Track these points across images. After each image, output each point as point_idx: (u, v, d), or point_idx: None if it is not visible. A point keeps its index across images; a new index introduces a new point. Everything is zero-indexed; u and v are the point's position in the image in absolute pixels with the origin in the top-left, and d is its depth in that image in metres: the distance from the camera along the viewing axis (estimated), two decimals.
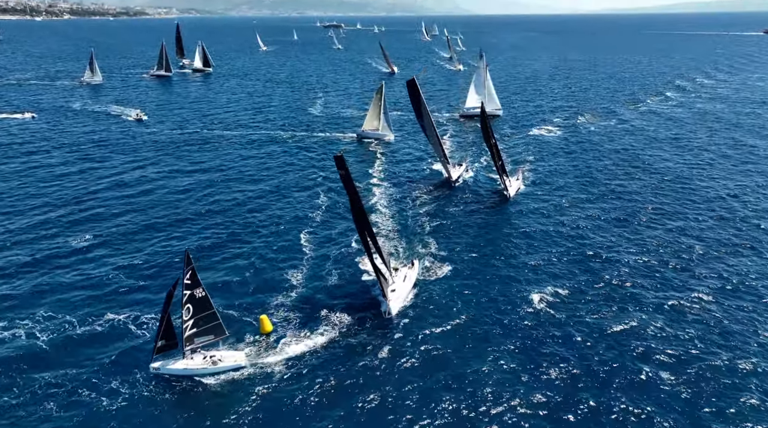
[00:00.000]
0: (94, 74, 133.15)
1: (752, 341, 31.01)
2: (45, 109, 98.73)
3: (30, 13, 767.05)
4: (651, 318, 33.27)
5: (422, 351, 30.03)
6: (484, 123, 53.45)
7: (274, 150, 73.09)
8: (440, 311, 34.04)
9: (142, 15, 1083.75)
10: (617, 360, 29.36)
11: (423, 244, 43.63)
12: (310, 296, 35.53)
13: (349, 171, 32.17)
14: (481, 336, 31.44)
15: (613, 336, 31.41)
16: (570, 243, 43.97)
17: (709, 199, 54.27)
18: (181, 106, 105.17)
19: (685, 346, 30.59)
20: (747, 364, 29.03)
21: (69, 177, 60.00)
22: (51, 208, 50.38)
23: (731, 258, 41.40)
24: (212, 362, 28.48)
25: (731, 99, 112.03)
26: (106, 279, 37.50)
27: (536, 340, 31.07)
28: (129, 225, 46.84)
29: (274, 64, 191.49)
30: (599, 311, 33.95)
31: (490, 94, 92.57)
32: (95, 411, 25.73)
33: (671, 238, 44.75)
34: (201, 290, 28.16)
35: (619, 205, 52.18)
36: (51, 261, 40.19)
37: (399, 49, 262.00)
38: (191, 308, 28.14)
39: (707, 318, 33.36)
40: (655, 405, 26.23)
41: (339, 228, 46.46)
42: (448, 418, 25.47)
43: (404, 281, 36.01)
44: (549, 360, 29.33)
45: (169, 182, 58.84)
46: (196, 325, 28.45)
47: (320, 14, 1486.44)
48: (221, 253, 41.75)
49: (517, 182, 57.27)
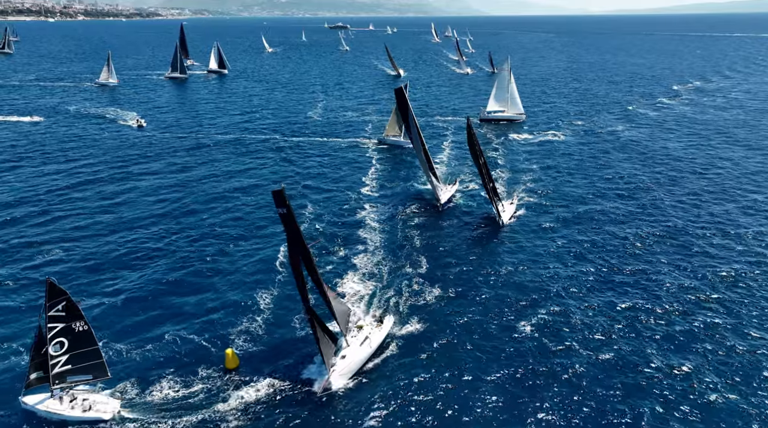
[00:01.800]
0: (109, 76, 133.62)
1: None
2: (54, 111, 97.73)
3: (45, 14, 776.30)
4: (656, 352, 30.67)
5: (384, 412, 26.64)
6: (471, 140, 47.10)
7: (269, 157, 71.35)
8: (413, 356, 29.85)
9: (155, 16, 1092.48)
10: (619, 396, 27.15)
11: (397, 289, 37.04)
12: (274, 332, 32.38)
13: (291, 208, 26.25)
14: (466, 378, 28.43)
15: (615, 372, 29.10)
16: (573, 291, 36.96)
17: (718, 220, 49.30)
18: (187, 109, 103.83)
19: (685, 379, 28.24)
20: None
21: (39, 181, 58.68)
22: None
23: (741, 294, 36.48)
24: (82, 408, 25.39)
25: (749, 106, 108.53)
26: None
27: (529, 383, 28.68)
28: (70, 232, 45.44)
29: (279, 65, 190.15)
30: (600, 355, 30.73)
31: (513, 99, 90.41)
32: None
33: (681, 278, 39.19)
34: (83, 323, 24.98)
35: (630, 232, 46.39)
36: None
37: (407, 50, 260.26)
38: (65, 342, 24.98)
39: (709, 352, 30.77)
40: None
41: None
42: None
43: (362, 345, 29.41)
44: (541, 394, 27.17)
45: (141, 191, 57.22)
46: (70, 362, 25.23)
47: (332, 15, 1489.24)
48: (185, 272, 39.98)
49: (511, 207, 50.92)
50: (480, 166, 47.02)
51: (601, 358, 29.89)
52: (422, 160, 52.31)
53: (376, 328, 30.99)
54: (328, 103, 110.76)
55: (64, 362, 25.16)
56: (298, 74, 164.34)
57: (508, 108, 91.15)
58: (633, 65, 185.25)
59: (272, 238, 45.24)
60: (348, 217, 50.00)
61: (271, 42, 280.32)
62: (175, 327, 32.65)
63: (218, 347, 30.63)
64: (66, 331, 24.79)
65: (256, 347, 30.70)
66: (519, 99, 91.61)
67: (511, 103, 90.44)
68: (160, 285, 37.79)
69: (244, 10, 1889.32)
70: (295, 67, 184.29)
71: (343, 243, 44.23)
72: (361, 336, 30.09)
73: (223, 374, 28.39)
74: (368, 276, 38.94)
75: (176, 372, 28.48)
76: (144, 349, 30.40)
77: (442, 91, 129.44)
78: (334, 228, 47.50)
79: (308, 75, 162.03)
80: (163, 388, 27.29)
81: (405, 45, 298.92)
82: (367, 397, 27.13)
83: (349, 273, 39.33)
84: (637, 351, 30.49)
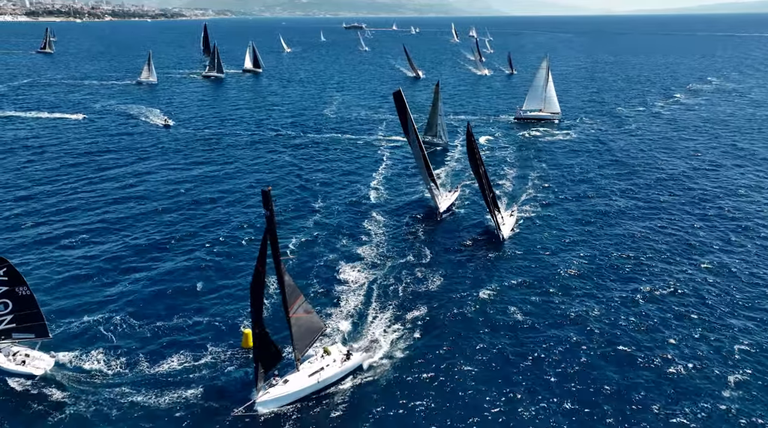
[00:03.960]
0: (150, 74, 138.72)
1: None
2: (95, 109, 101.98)
3: (74, 15, 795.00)
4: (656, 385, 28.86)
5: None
6: (471, 148, 44.76)
7: (281, 151, 74.28)
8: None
9: (179, 16, 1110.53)
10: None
11: (377, 310, 35.31)
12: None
13: (273, 213, 25.47)
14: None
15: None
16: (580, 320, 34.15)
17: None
18: (216, 107, 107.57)
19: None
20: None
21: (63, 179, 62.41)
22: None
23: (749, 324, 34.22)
24: (17, 362, 28.94)
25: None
26: None
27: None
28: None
29: (300, 65, 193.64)
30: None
31: (549, 98, 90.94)
32: None
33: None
34: (25, 288, 28.70)
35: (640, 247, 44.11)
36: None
37: (426, 50, 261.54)
38: (9, 304, 28.84)
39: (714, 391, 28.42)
40: None
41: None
42: None
43: (311, 376, 27.37)
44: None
45: (157, 182, 60.77)
46: (14, 321, 29.13)
47: (353, 15, 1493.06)
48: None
49: (512, 219, 48.23)
50: (480, 175, 44.32)
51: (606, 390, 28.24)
52: (421, 167, 50.65)
53: (339, 361, 28.34)
54: (343, 101, 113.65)
55: (9, 321, 29.21)
56: (316, 74, 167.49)
57: (544, 107, 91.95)
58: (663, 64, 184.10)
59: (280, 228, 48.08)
60: (346, 222, 49.73)
61: (289, 42, 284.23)
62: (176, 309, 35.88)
63: (187, 329, 33.37)
64: (8, 294, 28.72)
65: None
66: (556, 98, 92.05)
67: (547, 102, 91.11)
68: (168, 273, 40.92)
69: (266, 10, 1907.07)
70: (314, 67, 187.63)
71: (330, 253, 43.37)
72: (315, 366, 27.99)
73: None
74: (354, 291, 37.65)
75: (112, 350, 31.24)
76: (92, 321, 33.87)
77: (458, 91, 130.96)
78: (323, 231, 47.58)
79: (326, 75, 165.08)
80: (98, 359, 30.36)
81: (424, 45, 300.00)
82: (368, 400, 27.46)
83: (339, 283, 38.85)
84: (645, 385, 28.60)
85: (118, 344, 31.95)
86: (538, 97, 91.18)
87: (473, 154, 44.59)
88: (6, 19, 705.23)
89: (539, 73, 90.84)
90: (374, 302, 36.24)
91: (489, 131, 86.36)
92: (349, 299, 36.52)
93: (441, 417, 26.63)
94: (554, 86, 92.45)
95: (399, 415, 26.78)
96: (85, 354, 30.86)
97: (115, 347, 31.66)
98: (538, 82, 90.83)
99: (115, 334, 32.88)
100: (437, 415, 26.73)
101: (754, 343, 32.21)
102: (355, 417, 26.64)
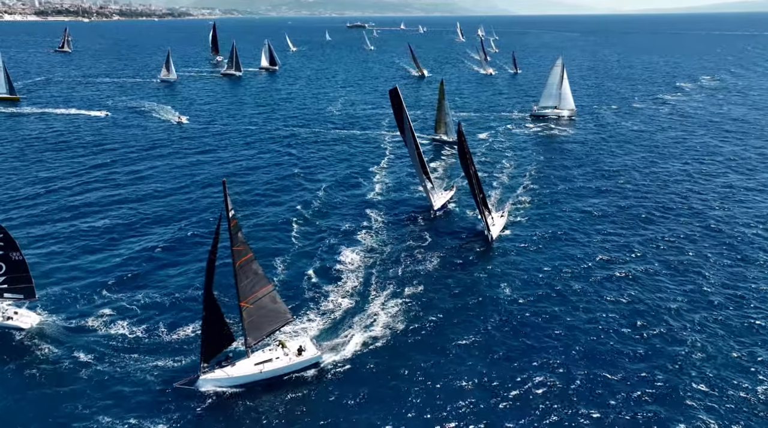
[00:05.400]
0: (169, 72, 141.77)
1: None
2: (115, 107, 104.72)
3: (82, 14, 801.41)
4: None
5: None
6: (462, 148, 44.54)
7: (291, 146, 76.38)
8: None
9: (186, 16, 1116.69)
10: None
11: (353, 305, 35.71)
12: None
13: (228, 202, 26.78)
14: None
15: None
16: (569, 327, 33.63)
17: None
18: (229, 104, 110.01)
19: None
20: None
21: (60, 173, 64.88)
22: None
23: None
24: (5, 317, 32.84)
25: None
26: None
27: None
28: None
29: (306, 63, 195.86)
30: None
31: (564, 95, 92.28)
32: None
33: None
34: (18, 254, 32.22)
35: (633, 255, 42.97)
36: None
37: (431, 49, 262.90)
38: (3, 266, 32.39)
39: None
40: None
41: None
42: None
43: (256, 365, 28.14)
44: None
45: (165, 174, 63.55)
46: (6, 282, 32.73)
47: (359, 15, 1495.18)
48: None
49: (502, 219, 48.09)
50: (470, 175, 44.07)
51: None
52: (416, 164, 50.74)
53: (292, 355, 28.79)
54: (348, 99, 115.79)
55: (1, 282, 32.98)
56: (322, 72, 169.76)
57: (559, 104, 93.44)
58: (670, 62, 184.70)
59: (282, 211, 50.26)
60: (340, 215, 51.34)
61: (295, 41, 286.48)
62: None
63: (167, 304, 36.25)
64: (2, 258, 32.47)
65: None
66: (571, 96, 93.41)
67: (562, 99, 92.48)
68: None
69: (272, 9, 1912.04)
70: (320, 65, 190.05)
71: (316, 253, 43.69)
72: (264, 356, 28.64)
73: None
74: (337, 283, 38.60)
75: (102, 315, 34.88)
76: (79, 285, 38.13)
77: (461, 89, 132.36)
78: (309, 227, 48.77)
79: (331, 73, 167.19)
80: (79, 318, 34.42)
81: (429, 44, 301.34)
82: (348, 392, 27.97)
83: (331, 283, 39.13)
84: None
85: (101, 306, 35.91)
86: (553, 94, 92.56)
87: (464, 155, 44.38)
88: (16, 19, 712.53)
89: (554, 71, 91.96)
90: (350, 298, 36.67)
91: (491, 129, 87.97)
92: (330, 294, 37.31)
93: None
94: (569, 85, 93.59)
95: (355, 406, 27.43)
96: (67, 313, 34.98)
97: (99, 308, 35.68)
98: (553, 79, 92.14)
99: (103, 298, 37.08)
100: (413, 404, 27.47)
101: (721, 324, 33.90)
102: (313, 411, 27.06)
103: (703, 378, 29.38)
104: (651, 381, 29.14)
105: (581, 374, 29.61)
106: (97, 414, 26.64)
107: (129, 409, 27.00)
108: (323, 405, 27.46)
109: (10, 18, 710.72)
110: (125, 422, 26.17)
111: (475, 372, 29.84)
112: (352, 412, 27.05)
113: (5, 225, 34.06)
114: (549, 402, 27.73)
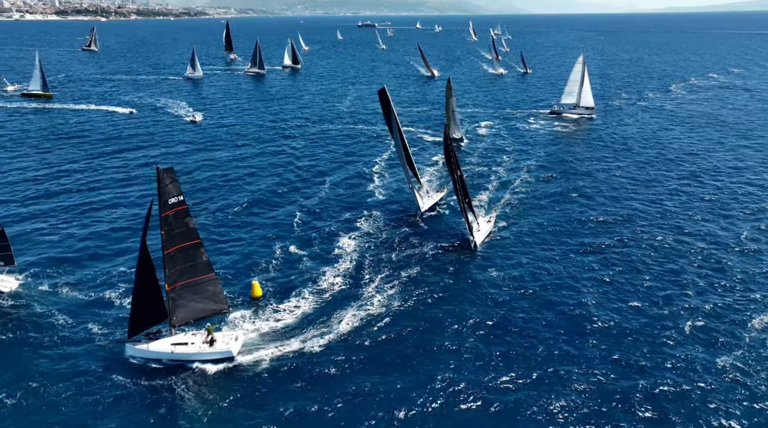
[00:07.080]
0: (194, 70, 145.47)
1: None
2: (142, 104, 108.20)
3: (101, 13, 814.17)
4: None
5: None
6: (447, 151, 43.08)
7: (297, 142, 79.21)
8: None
9: (202, 15, 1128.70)
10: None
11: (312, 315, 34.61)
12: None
13: (160, 191, 28.39)
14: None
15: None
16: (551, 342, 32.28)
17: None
18: (245, 102, 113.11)
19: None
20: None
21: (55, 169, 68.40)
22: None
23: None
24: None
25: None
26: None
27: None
28: None
29: (321, 63, 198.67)
30: None
31: (584, 93, 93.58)
32: None
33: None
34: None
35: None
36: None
37: (442, 49, 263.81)
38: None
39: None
40: None
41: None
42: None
43: (172, 345, 29.63)
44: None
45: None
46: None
47: (373, 14, 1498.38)
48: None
49: (488, 224, 46.55)
50: (455, 179, 42.75)
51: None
52: (404, 165, 49.62)
53: (203, 345, 29.52)
54: (358, 95, 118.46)
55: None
56: (338, 70, 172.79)
57: (579, 102, 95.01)
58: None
59: (285, 206, 53.22)
60: (335, 209, 52.55)
61: (307, 40, 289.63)
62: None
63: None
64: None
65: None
66: (591, 94, 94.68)
67: (582, 97, 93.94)
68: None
69: (288, 9, 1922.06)
70: (334, 64, 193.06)
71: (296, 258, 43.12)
72: (181, 339, 30.08)
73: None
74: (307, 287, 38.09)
75: (79, 284, 38.61)
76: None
77: (470, 89, 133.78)
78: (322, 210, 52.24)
79: (343, 72, 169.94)
80: (64, 283, 38.45)
81: (441, 44, 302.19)
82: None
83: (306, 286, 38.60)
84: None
85: (81, 275, 39.86)
86: (575, 92, 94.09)
87: (449, 158, 43.10)
88: (37, 18, 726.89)
89: (575, 68, 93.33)
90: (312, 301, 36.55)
91: (493, 128, 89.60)
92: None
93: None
94: (589, 83, 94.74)
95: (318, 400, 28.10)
96: (45, 278, 39.29)
97: (80, 278, 39.41)
98: (575, 77, 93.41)
99: (80, 266, 41.26)
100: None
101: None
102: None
103: (689, 378, 29.37)
104: (647, 385, 28.95)
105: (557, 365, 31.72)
106: (57, 363, 30.36)
107: (86, 365, 30.13)
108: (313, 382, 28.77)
109: (32, 17, 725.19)
110: (79, 373, 29.56)
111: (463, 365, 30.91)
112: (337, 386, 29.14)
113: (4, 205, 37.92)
114: (536, 394, 28.13)
